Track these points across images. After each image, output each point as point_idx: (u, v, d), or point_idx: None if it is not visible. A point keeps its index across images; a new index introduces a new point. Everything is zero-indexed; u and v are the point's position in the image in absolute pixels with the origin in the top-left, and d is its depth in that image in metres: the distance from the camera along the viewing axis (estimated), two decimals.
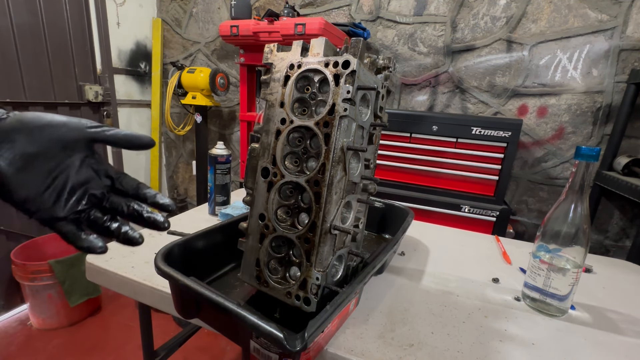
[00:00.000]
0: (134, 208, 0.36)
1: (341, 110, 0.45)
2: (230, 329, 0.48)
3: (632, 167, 1.35)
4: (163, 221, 0.36)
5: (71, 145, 0.33)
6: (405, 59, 1.73)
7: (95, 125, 0.34)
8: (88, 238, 0.34)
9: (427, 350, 0.49)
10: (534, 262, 0.62)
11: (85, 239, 0.34)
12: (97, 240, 0.34)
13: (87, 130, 0.34)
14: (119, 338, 1.59)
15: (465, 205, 1.39)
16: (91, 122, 0.35)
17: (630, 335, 0.57)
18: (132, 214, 0.36)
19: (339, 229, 0.47)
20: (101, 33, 1.92)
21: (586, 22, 1.41)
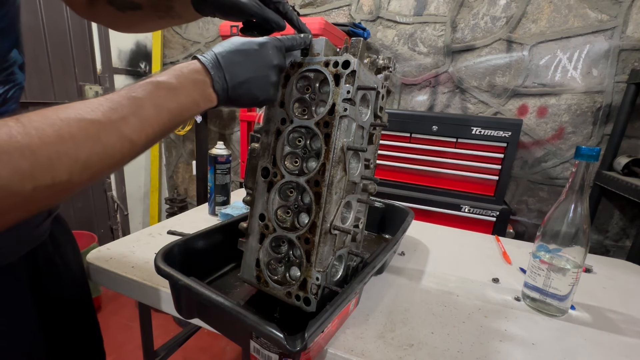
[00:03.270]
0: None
1: (341, 110, 0.45)
2: (230, 329, 0.48)
3: (632, 167, 1.35)
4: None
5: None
6: (405, 59, 1.73)
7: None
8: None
9: (427, 350, 0.49)
10: (534, 262, 0.62)
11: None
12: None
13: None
14: (118, 338, 1.59)
15: (465, 205, 1.39)
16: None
17: (630, 335, 0.57)
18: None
19: (339, 229, 0.47)
20: (101, 33, 1.92)
21: (586, 22, 1.41)
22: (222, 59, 0.39)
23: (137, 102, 0.32)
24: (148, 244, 0.76)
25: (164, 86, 0.35)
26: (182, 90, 0.36)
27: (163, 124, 0.34)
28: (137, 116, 0.32)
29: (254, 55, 0.41)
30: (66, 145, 0.27)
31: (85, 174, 0.29)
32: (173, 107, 0.35)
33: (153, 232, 0.82)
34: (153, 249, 0.68)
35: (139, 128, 0.32)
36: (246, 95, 0.42)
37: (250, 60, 0.41)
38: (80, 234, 1.79)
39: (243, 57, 0.40)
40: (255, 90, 0.42)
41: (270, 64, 0.43)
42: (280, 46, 0.44)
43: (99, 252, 0.70)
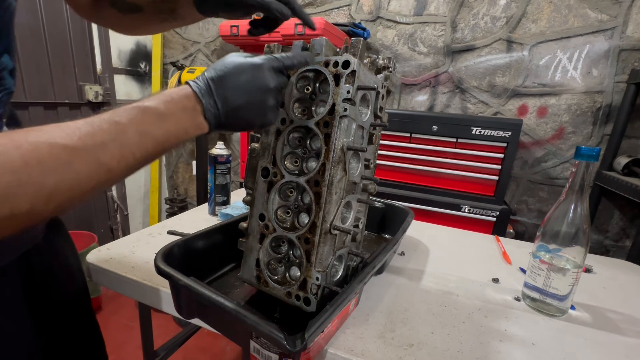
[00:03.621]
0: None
1: (341, 110, 0.45)
2: (230, 329, 0.48)
3: (632, 167, 1.35)
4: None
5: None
6: (405, 59, 1.73)
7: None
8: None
9: (427, 350, 0.49)
10: (534, 262, 0.62)
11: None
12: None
13: None
14: (119, 338, 1.59)
15: (465, 205, 1.39)
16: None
17: (630, 335, 0.57)
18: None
19: (339, 229, 0.47)
20: (101, 33, 1.92)
21: (586, 22, 1.41)
22: (213, 84, 0.37)
23: (119, 127, 0.31)
24: (148, 244, 0.76)
25: (151, 112, 0.33)
26: (170, 118, 0.34)
27: (146, 151, 0.33)
28: (117, 142, 0.30)
29: (248, 79, 0.39)
30: (31, 172, 0.25)
31: (51, 204, 0.27)
32: (159, 135, 0.33)
33: (153, 232, 0.82)
34: (153, 249, 0.68)
35: (119, 155, 0.30)
36: (240, 120, 0.40)
37: (244, 85, 0.38)
38: (80, 234, 1.79)
39: (236, 81, 0.38)
40: (249, 117, 0.40)
41: (266, 87, 0.40)
42: (278, 66, 0.42)
43: (99, 252, 0.70)
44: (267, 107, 0.41)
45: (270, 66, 0.40)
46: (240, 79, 0.38)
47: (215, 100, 0.37)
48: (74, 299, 0.56)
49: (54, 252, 0.51)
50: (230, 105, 0.38)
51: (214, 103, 0.37)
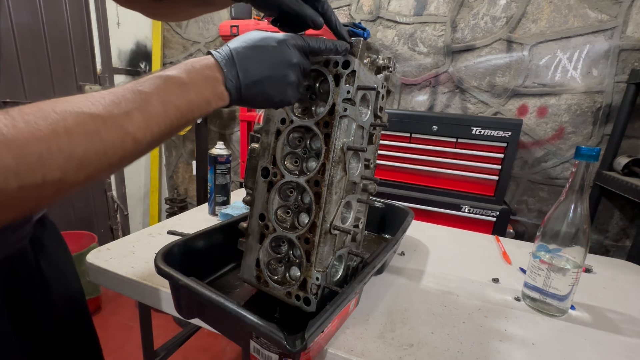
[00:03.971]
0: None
1: (341, 110, 0.45)
2: (230, 329, 0.48)
3: (632, 167, 1.35)
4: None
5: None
6: (405, 59, 1.73)
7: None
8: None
9: (427, 350, 0.49)
10: (534, 262, 0.62)
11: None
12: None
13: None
14: (119, 338, 1.59)
15: (465, 205, 1.39)
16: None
17: (630, 335, 0.57)
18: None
19: (339, 229, 0.47)
20: (101, 33, 1.92)
21: (586, 22, 1.41)
22: (236, 55, 0.37)
23: (143, 96, 0.30)
24: (148, 244, 0.76)
25: (174, 81, 0.33)
26: (192, 87, 0.34)
27: (170, 121, 0.32)
28: (142, 112, 0.30)
29: (271, 53, 0.38)
30: (60, 140, 0.25)
31: (81, 173, 0.27)
32: (182, 104, 0.33)
33: (153, 232, 0.82)
34: (153, 249, 0.68)
35: (144, 125, 0.30)
36: (260, 95, 0.39)
37: (266, 58, 0.38)
38: (80, 234, 1.79)
39: (259, 53, 0.38)
40: (270, 90, 0.39)
41: (289, 62, 0.39)
42: (303, 45, 0.41)
43: (99, 252, 0.70)
44: (289, 82, 0.40)
45: (294, 43, 0.40)
46: (264, 52, 0.38)
47: (238, 70, 0.37)
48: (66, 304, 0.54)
49: (44, 256, 0.49)
50: (251, 77, 0.37)
51: (236, 74, 0.36)
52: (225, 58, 0.36)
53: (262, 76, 0.38)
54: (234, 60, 0.37)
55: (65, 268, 0.55)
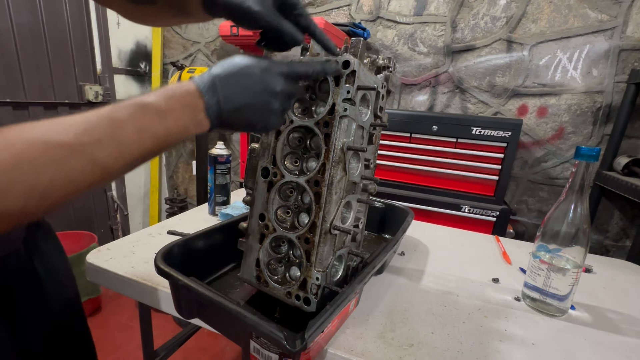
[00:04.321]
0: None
1: (341, 110, 0.45)
2: (230, 329, 0.48)
3: (632, 167, 1.35)
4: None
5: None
6: (405, 59, 1.73)
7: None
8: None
9: (427, 350, 0.49)
10: (534, 262, 0.62)
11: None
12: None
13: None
14: (119, 338, 1.59)
15: (465, 205, 1.39)
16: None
17: (630, 335, 0.57)
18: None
19: (339, 229, 0.47)
20: (101, 33, 1.92)
21: (586, 22, 1.41)
22: (218, 81, 0.36)
23: (117, 124, 0.30)
24: (148, 244, 0.76)
25: (151, 108, 0.32)
26: (170, 114, 0.33)
27: (145, 149, 0.32)
28: (114, 140, 0.29)
29: (254, 81, 0.37)
30: (23, 170, 0.25)
31: (44, 202, 0.26)
32: (159, 132, 0.32)
33: (153, 232, 0.82)
34: (153, 249, 0.68)
35: (116, 153, 0.29)
36: (242, 121, 0.39)
37: (249, 86, 0.37)
38: (80, 234, 1.79)
39: (242, 81, 0.37)
40: (251, 118, 0.39)
41: (272, 90, 0.38)
42: (288, 72, 0.40)
43: (98, 252, 0.70)
44: (271, 110, 0.40)
45: (279, 71, 0.39)
46: (246, 79, 0.37)
47: (219, 98, 0.36)
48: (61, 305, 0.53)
49: (37, 257, 0.49)
50: (233, 104, 0.37)
51: (217, 101, 0.36)
52: (206, 85, 0.36)
53: (244, 104, 0.37)
54: (215, 87, 0.36)
55: (60, 269, 0.55)
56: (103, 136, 0.29)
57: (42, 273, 0.49)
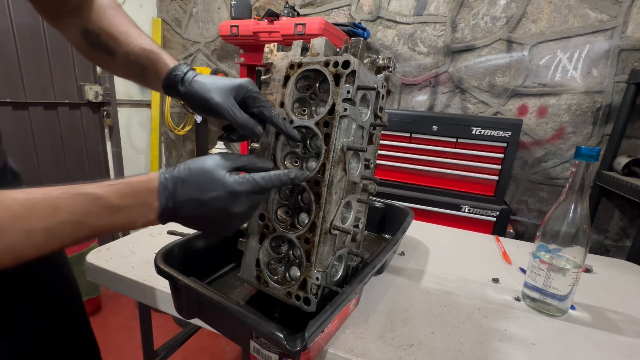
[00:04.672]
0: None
1: (341, 110, 0.45)
2: (230, 329, 0.48)
3: (632, 167, 1.35)
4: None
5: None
6: (405, 59, 1.73)
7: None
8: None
9: (427, 350, 0.49)
10: (534, 262, 0.62)
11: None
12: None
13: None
14: (119, 338, 1.59)
15: (465, 205, 1.39)
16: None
17: (630, 335, 0.57)
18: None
19: (339, 229, 0.47)
20: None
21: (586, 22, 1.41)
22: (180, 187, 0.36)
23: (57, 215, 0.30)
24: (148, 244, 0.76)
25: (101, 203, 0.32)
26: (121, 211, 0.33)
27: (78, 239, 0.32)
28: (47, 232, 0.29)
29: (215, 199, 0.37)
30: None
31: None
32: (99, 226, 0.32)
33: (153, 232, 0.82)
34: (153, 249, 0.68)
35: (42, 243, 0.29)
36: (193, 227, 0.39)
37: (210, 203, 0.37)
38: None
39: (203, 195, 0.36)
40: (203, 229, 0.40)
41: (232, 212, 0.38)
42: (254, 190, 0.39)
43: (99, 252, 0.70)
44: (224, 228, 0.40)
45: (245, 189, 0.38)
46: (207, 195, 0.37)
47: (174, 204, 0.36)
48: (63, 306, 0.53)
49: (40, 259, 0.49)
50: (187, 213, 0.37)
51: (172, 207, 0.36)
52: (168, 187, 0.36)
53: (198, 215, 0.37)
54: (175, 191, 0.36)
55: (61, 269, 0.54)
56: (35, 226, 0.28)
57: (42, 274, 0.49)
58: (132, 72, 0.50)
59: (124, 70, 0.51)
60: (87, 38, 0.50)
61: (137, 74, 0.50)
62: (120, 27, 0.50)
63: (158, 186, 0.36)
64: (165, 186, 0.36)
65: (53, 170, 1.79)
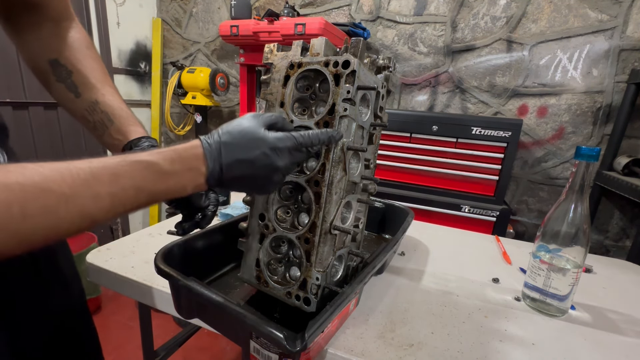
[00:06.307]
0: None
1: (341, 110, 0.45)
2: (230, 329, 0.48)
3: (632, 167, 1.35)
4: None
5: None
6: (405, 59, 1.73)
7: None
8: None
9: (427, 350, 0.49)
10: (534, 262, 0.62)
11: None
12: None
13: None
14: (119, 338, 1.59)
15: (465, 205, 1.39)
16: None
17: (630, 335, 0.57)
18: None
19: (339, 229, 0.47)
20: (101, 33, 1.92)
21: (586, 22, 1.41)
22: (224, 150, 0.37)
23: (118, 180, 0.31)
24: (148, 244, 0.76)
25: (155, 169, 0.34)
26: (172, 176, 0.35)
27: (139, 204, 0.33)
28: (111, 196, 0.30)
29: (259, 156, 0.38)
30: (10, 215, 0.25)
31: (22, 246, 0.27)
32: (156, 191, 0.34)
33: (153, 232, 0.82)
34: (153, 249, 0.68)
35: (109, 208, 0.31)
36: (238, 187, 0.41)
37: (254, 160, 0.38)
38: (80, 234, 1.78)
39: (247, 154, 0.38)
40: (249, 187, 0.42)
41: (275, 167, 0.39)
42: (296, 146, 0.40)
43: (98, 252, 0.70)
44: (270, 182, 0.41)
45: (286, 147, 0.40)
46: (252, 153, 0.38)
47: (222, 167, 0.37)
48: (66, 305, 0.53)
49: (41, 255, 0.48)
50: (234, 174, 0.38)
51: (220, 169, 0.37)
52: (214, 152, 0.37)
53: (245, 175, 0.39)
54: (220, 155, 0.37)
55: (65, 268, 0.54)
56: (102, 191, 0.30)
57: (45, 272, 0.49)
58: (90, 119, 0.51)
59: (81, 113, 0.51)
60: (55, 69, 0.50)
61: (96, 124, 0.50)
62: (97, 74, 0.51)
63: (203, 151, 0.37)
64: (210, 151, 0.37)
65: None
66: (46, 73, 0.51)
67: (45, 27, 0.50)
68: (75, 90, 0.50)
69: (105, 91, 0.51)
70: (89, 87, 0.50)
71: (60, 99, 0.52)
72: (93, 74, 0.51)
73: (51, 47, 0.50)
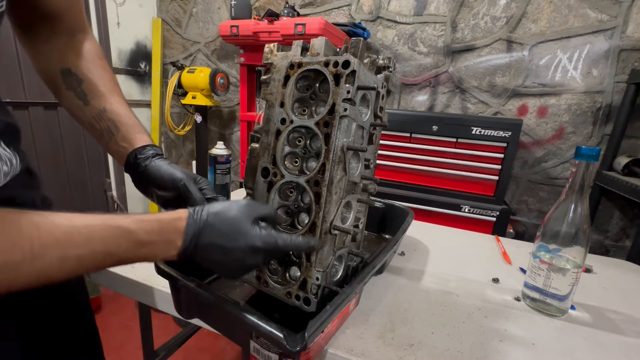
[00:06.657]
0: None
1: (341, 110, 0.45)
2: (230, 329, 0.48)
3: (632, 167, 1.35)
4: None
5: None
6: (405, 59, 1.73)
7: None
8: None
9: (427, 350, 0.49)
10: (534, 262, 0.62)
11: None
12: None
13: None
14: (119, 338, 1.59)
15: (465, 205, 1.39)
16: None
17: (630, 335, 0.57)
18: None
19: (339, 229, 0.47)
20: (101, 33, 1.92)
21: (586, 22, 1.41)
22: (206, 231, 0.38)
23: (90, 245, 0.31)
24: None
25: (131, 238, 0.34)
26: (147, 246, 0.35)
27: (104, 266, 0.33)
28: (79, 259, 0.31)
29: (236, 249, 0.38)
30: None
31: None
32: (126, 257, 0.34)
33: None
34: None
35: (71, 270, 0.31)
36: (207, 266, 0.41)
37: (231, 251, 0.38)
38: None
39: (227, 243, 0.38)
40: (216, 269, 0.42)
41: (248, 264, 0.40)
42: (275, 251, 0.41)
43: None
44: (237, 272, 0.42)
45: (265, 249, 0.40)
46: (230, 244, 0.38)
47: (197, 245, 0.38)
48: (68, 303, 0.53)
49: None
50: (206, 256, 0.39)
51: (194, 247, 0.37)
52: (195, 229, 0.37)
53: (216, 259, 0.39)
54: (200, 234, 0.37)
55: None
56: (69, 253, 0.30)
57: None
58: (97, 126, 0.51)
59: (89, 121, 0.52)
60: (66, 77, 0.51)
61: (103, 132, 0.51)
62: (106, 83, 0.52)
63: (185, 227, 0.37)
64: (193, 228, 0.37)
65: (53, 170, 1.79)
66: (57, 81, 0.51)
67: (61, 39, 0.51)
68: (84, 98, 0.51)
69: (113, 100, 0.52)
70: (97, 95, 0.51)
71: (69, 106, 0.53)
72: (102, 83, 0.52)
73: (65, 58, 0.51)
